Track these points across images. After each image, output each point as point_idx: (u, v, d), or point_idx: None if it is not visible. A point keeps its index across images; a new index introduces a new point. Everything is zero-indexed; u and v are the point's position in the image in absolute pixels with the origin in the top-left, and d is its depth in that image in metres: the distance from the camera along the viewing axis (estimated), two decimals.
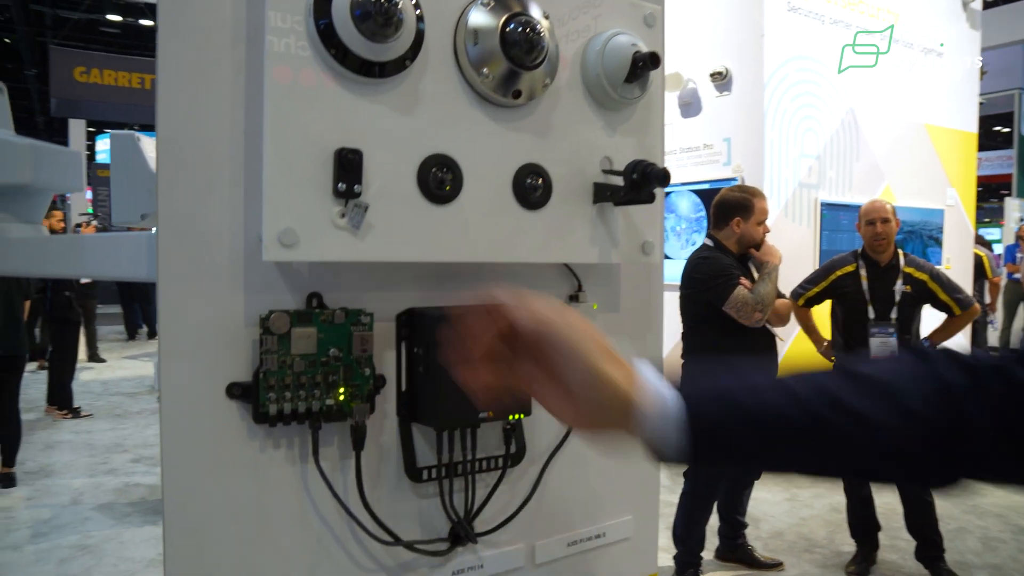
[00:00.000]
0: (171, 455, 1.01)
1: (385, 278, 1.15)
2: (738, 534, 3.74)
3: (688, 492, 3.43)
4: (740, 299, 3.14)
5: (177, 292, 1.01)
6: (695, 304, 3.32)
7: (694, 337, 3.39)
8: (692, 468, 3.39)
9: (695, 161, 6.85)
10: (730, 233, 3.34)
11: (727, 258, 3.29)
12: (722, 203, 3.39)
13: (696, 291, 3.28)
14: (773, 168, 6.25)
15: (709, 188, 6.77)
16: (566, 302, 1.33)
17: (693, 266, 3.32)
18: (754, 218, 3.32)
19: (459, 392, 1.15)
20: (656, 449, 0.69)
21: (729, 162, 6.48)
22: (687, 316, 3.42)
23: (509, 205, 1.14)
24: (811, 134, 6.43)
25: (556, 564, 1.34)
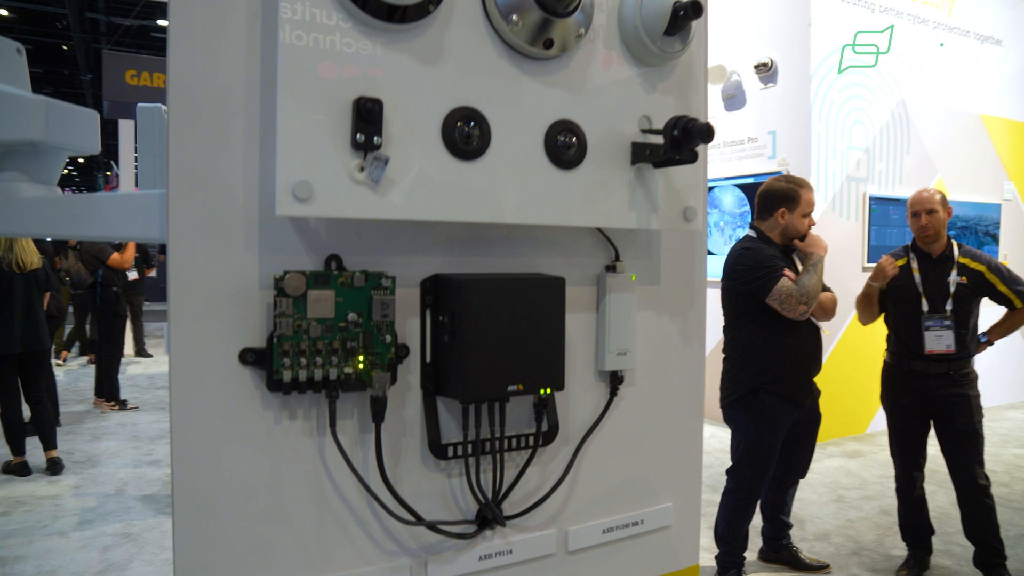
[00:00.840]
0: (180, 423, 0.95)
1: (409, 241, 1.09)
2: (782, 535, 3.61)
3: (731, 490, 3.31)
4: (784, 291, 3.02)
5: (188, 251, 0.95)
6: (737, 297, 3.21)
7: (735, 331, 3.28)
8: (735, 466, 3.28)
9: (739, 155, 6.70)
10: (774, 224, 3.22)
11: (771, 249, 3.17)
12: (767, 193, 3.27)
13: (738, 283, 3.16)
14: (820, 161, 6.07)
15: (753, 182, 6.62)
16: (602, 272, 1.25)
17: (735, 257, 3.21)
18: (799, 209, 3.19)
19: (486, 363, 1.09)
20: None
21: (774, 155, 6.32)
22: (728, 309, 3.31)
23: (540, 164, 1.07)
24: (859, 126, 6.24)
25: (590, 552, 1.26)
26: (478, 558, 1.15)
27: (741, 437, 3.28)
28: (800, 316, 3.07)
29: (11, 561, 3.80)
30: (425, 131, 0.98)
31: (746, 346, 3.23)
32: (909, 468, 3.49)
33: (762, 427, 3.20)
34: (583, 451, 1.23)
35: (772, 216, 3.23)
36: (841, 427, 6.19)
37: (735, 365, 3.28)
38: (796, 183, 3.28)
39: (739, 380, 3.24)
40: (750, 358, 3.22)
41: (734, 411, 3.28)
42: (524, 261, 1.17)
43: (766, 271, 3.07)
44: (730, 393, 3.28)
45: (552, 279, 1.12)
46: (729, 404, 3.29)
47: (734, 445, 3.36)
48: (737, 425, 3.30)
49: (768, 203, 3.26)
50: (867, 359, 6.21)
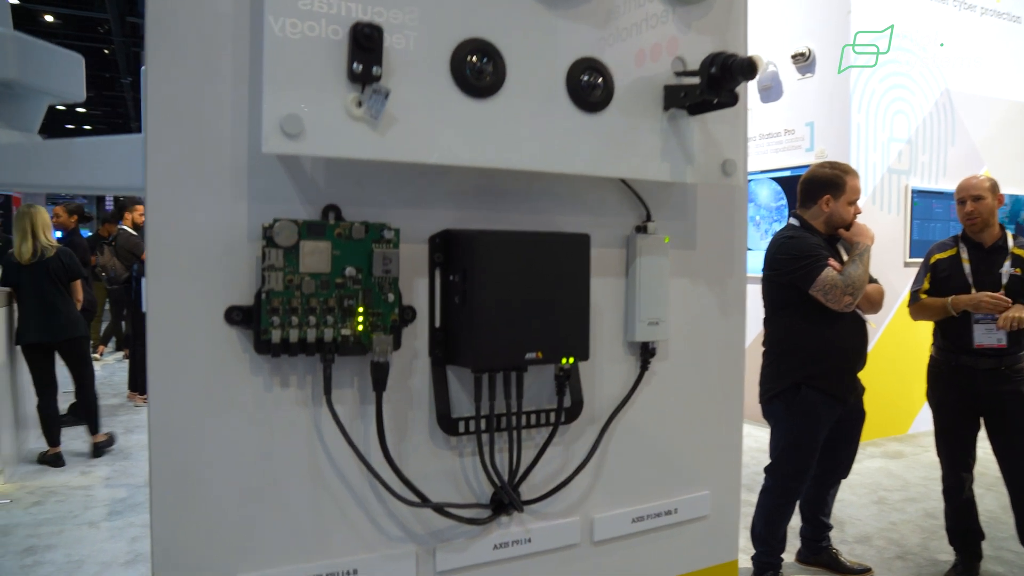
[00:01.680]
0: (159, 390, 0.86)
1: (416, 193, 0.98)
2: (822, 536, 3.45)
3: (769, 488, 3.16)
4: (829, 281, 2.87)
5: (168, 198, 0.85)
6: (778, 288, 3.07)
7: (776, 323, 3.14)
8: (774, 464, 3.13)
9: (775, 147, 6.52)
10: (818, 212, 3.07)
11: (814, 238, 3.02)
12: (811, 180, 3.13)
13: (780, 273, 3.02)
14: (860, 153, 5.87)
15: (790, 175, 6.44)
16: (632, 233, 1.13)
17: (777, 246, 3.07)
18: (845, 197, 3.04)
19: (501, 328, 0.97)
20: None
21: (812, 148, 6.13)
22: (769, 301, 3.17)
23: (562, 104, 0.95)
24: (901, 117, 6.02)
25: (618, 544, 1.14)
26: (492, 546, 1.04)
27: (781, 434, 3.14)
28: (845, 308, 2.93)
29: (42, 549, 3.84)
30: (431, 63, 0.87)
31: (787, 339, 3.09)
32: (957, 469, 3.31)
33: (803, 424, 3.06)
34: (611, 431, 1.12)
35: (816, 204, 3.09)
36: (882, 427, 5.97)
37: (775, 359, 3.14)
38: (841, 169, 3.14)
39: (779, 374, 3.10)
40: (791, 351, 3.07)
41: (774, 407, 3.14)
42: (545, 218, 1.06)
43: (810, 260, 2.93)
44: (770, 388, 3.13)
45: (576, 236, 1.01)
46: (769, 399, 3.15)
47: (773, 442, 3.21)
48: (777, 421, 3.16)
49: (812, 190, 3.12)
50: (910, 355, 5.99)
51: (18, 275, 4.97)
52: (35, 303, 5.00)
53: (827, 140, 6.02)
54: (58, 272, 5.06)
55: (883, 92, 5.92)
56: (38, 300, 4.99)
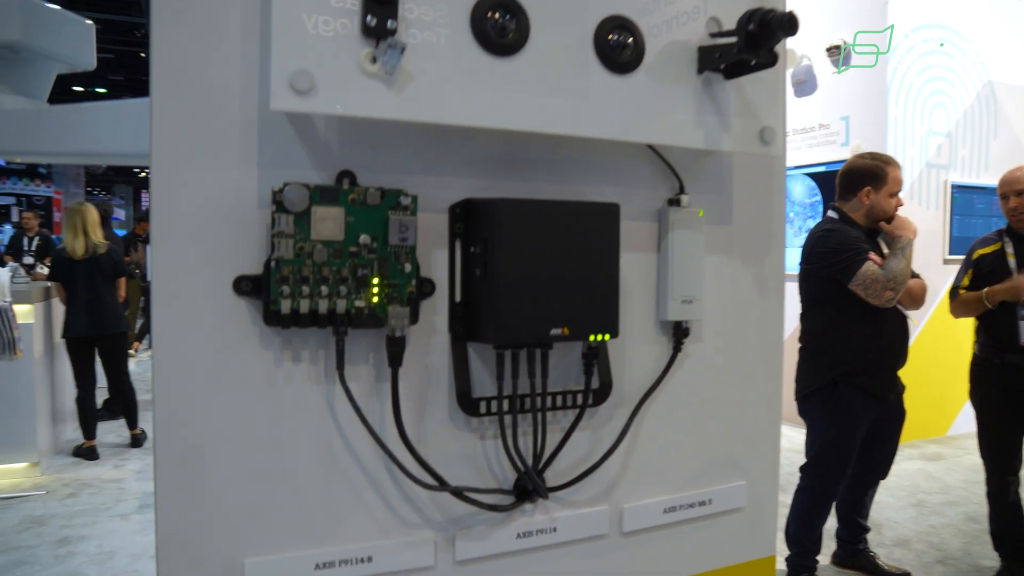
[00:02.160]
0: (164, 364, 0.81)
1: (436, 159, 0.93)
2: (859, 538, 3.34)
3: (805, 488, 3.07)
4: (869, 275, 2.78)
5: (174, 163, 0.81)
6: (816, 282, 2.98)
7: (814, 319, 3.04)
8: (810, 463, 3.04)
9: (810, 142, 6.38)
10: (858, 204, 2.97)
11: (854, 231, 2.92)
12: (851, 171, 3.02)
13: (818, 266, 2.93)
14: (897, 147, 5.72)
15: (825, 170, 6.30)
16: (664, 206, 1.06)
17: (816, 239, 2.97)
18: (886, 188, 2.94)
19: (525, 301, 0.92)
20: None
21: (847, 142, 5.99)
22: (806, 296, 3.07)
23: (589, 64, 0.89)
24: (941, 110, 5.86)
25: (649, 535, 1.08)
26: (515, 535, 0.98)
27: (817, 432, 3.04)
28: (886, 303, 2.83)
29: (76, 540, 3.91)
30: (450, 17, 0.82)
31: (825, 335, 2.99)
32: (1002, 471, 3.18)
33: (840, 422, 2.96)
34: (641, 415, 1.05)
35: (856, 196, 2.99)
36: (920, 428, 5.80)
37: (812, 355, 3.04)
38: (882, 160, 3.04)
39: (816, 371, 3.00)
40: (829, 347, 2.97)
41: (810, 404, 3.04)
42: (572, 189, 1.00)
43: (850, 254, 2.83)
44: (806, 385, 3.04)
45: (604, 205, 0.95)
46: (805, 397, 3.05)
47: (809, 441, 3.11)
48: (813, 419, 3.06)
49: (851, 182, 3.02)
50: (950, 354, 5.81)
51: (70, 270, 5.16)
52: (85, 298, 5.18)
53: (863, 134, 5.88)
54: (107, 268, 5.22)
55: (922, 84, 5.77)
56: (89, 295, 5.17)
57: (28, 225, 9.94)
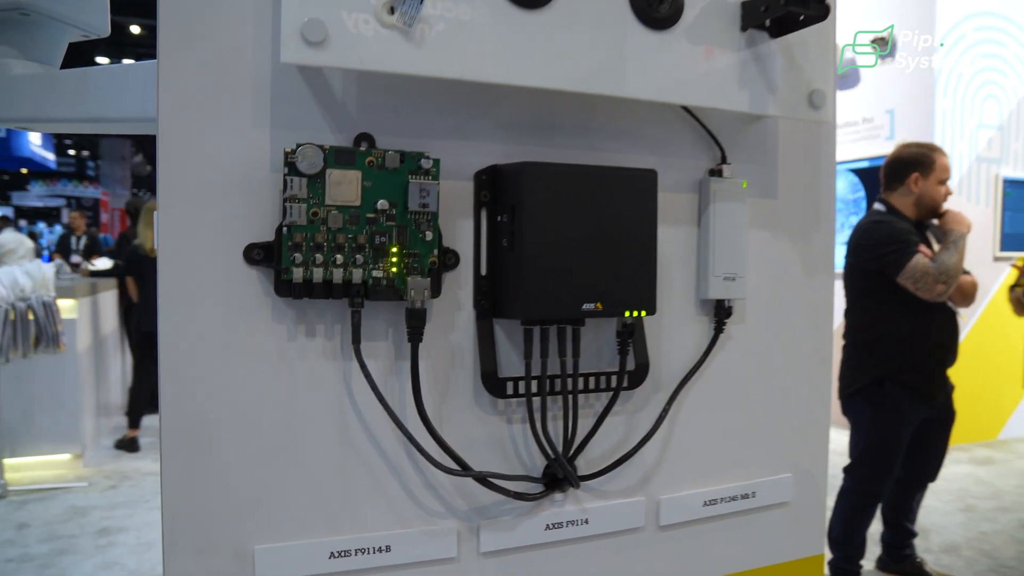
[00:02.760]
0: (170, 336, 0.77)
1: (461, 124, 0.87)
2: (905, 543, 3.21)
3: (849, 490, 2.96)
4: (919, 269, 2.67)
5: (182, 125, 0.77)
6: (862, 275, 2.88)
7: (859, 314, 2.94)
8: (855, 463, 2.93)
9: (852, 137, 6.23)
10: (906, 193, 2.87)
11: (903, 223, 2.82)
12: (896, 160, 2.93)
13: (865, 259, 2.83)
14: (945, 141, 5.55)
15: (868, 166, 6.14)
16: (705, 177, 0.99)
17: (862, 232, 2.88)
18: (934, 176, 2.84)
19: (554, 274, 0.85)
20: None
21: (892, 136, 5.83)
22: (852, 290, 2.98)
23: (624, 19, 0.83)
24: (992, 101, 5.67)
25: (687, 529, 1.01)
26: (544, 527, 0.92)
27: (862, 432, 2.93)
28: (937, 297, 2.72)
29: (115, 531, 4.03)
30: None
31: (871, 330, 2.89)
32: None
33: (886, 421, 2.85)
34: (680, 400, 0.98)
35: (903, 184, 2.89)
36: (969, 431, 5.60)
37: (857, 351, 2.94)
38: (928, 147, 2.94)
39: (862, 368, 2.89)
40: (875, 343, 2.87)
41: (855, 403, 2.93)
42: (606, 157, 0.94)
43: (899, 246, 2.74)
44: (851, 383, 2.93)
45: (641, 171, 0.88)
46: (850, 395, 2.94)
47: (853, 441, 3.00)
48: (858, 418, 2.95)
49: (897, 170, 2.92)
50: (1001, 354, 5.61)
51: (144, 266, 5.35)
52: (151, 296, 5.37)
53: (909, 128, 5.71)
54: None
55: (972, 75, 5.58)
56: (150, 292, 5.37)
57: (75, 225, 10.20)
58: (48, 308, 4.91)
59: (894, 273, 2.71)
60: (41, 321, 4.82)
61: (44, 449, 5.22)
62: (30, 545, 3.92)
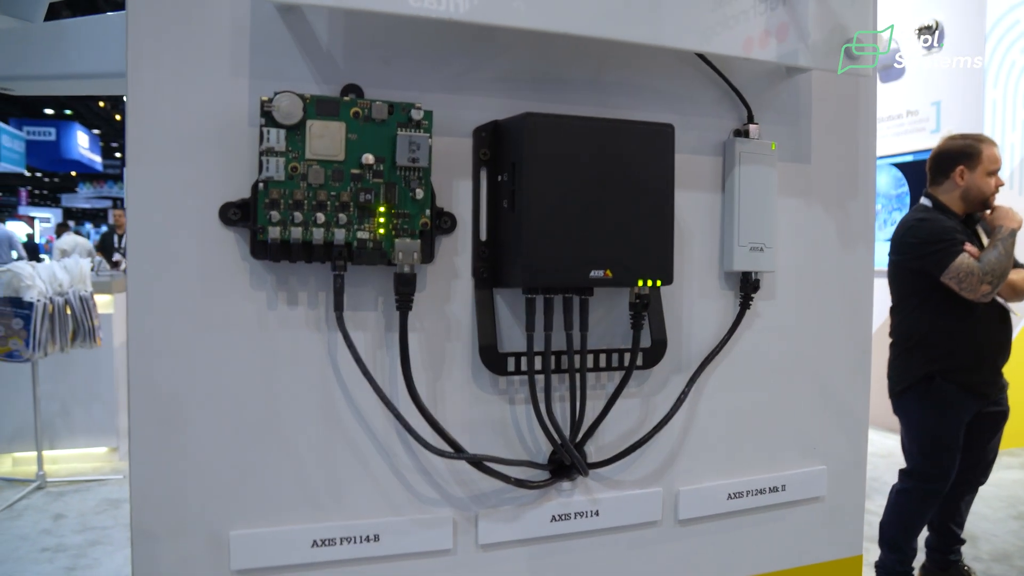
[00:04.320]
0: (139, 303, 0.71)
1: (458, 75, 0.80)
2: (952, 549, 3.07)
3: (906, 491, 2.83)
4: (964, 268, 2.56)
5: (152, 74, 0.71)
6: (907, 274, 2.77)
7: (905, 314, 2.83)
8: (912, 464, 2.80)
9: (896, 131, 6.03)
10: (952, 187, 2.75)
11: (949, 220, 2.70)
12: (941, 153, 2.81)
13: (909, 258, 2.73)
14: (995, 134, 5.32)
15: (913, 160, 5.95)
16: (730, 138, 0.91)
17: (906, 229, 2.78)
18: (982, 167, 2.71)
19: (558, 238, 0.78)
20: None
21: (938, 129, 5.63)
22: (897, 289, 2.87)
23: None
24: None
25: (709, 524, 0.92)
26: (550, 518, 0.84)
27: (915, 429, 2.82)
28: (983, 297, 2.61)
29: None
30: None
31: (917, 330, 2.78)
32: None
33: (939, 415, 2.74)
34: (702, 381, 0.90)
35: (949, 178, 2.77)
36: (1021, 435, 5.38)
37: (904, 351, 2.83)
38: (974, 138, 2.82)
39: (910, 367, 2.79)
40: (923, 343, 2.76)
41: (906, 400, 2.82)
42: (618, 114, 0.85)
43: (943, 245, 2.63)
44: (900, 380, 2.83)
45: (656, 125, 0.80)
46: (900, 392, 2.84)
47: (907, 440, 2.89)
48: (910, 416, 2.85)
49: (943, 163, 2.80)
50: None
51: None
52: None
53: (956, 120, 5.51)
54: None
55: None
56: None
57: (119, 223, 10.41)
58: (85, 303, 4.97)
59: (938, 273, 2.61)
60: (78, 316, 4.88)
61: (81, 442, 5.29)
62: (65, 535, 3.97)
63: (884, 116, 6.16)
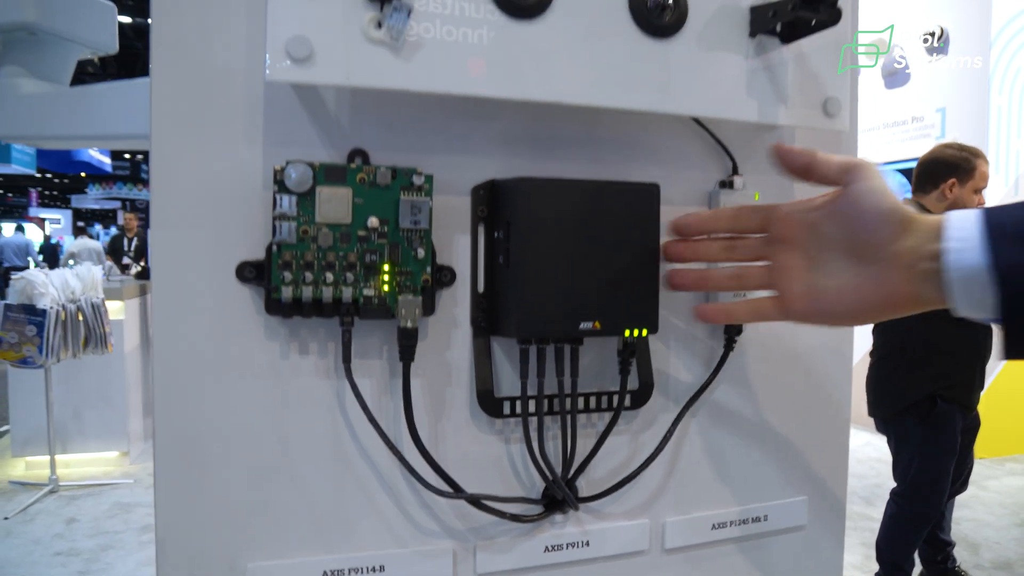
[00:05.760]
0: (164, 352, 0.77)
1: (458, 138, 0.86)
2: (943, 555, 3.10)
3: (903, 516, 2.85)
4: None
5: (174, 142, 0.77)
6: None
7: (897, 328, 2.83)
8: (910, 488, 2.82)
9: (901, 137, 6.06)
10: (940, 198, 2.77)
11: None
12: (934, 161, 2.81)
13: None
14: (1000, 140, 5.35)
15: None
16: (715, 189, 0.96)
17: None
18: (972, 184, 2.73)
19: (550, 291, 0.83)
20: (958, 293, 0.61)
21: (943, 135, 5.65)
22: None
23: (624, 28, 0.80)
24: None
25: (695, 553, 0.98)
26: (543, 548, 0.90)
27: (913, 453, 2.80)
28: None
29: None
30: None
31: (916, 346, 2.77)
32: None
33: (942, 441, 2.73)
34: (687, 419, 0.95)
35: (938, 189, 2.79)
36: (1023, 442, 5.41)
37: (900, 368, 2.81)
38: (970, 152, 2.83)
39: (912, 384, 2.77)
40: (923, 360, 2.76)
41: (903, 422, 2.79)
42: (612, 169, 0.91)
43: None
44: (898, 399, 2.80)
45: (642, 185, 0.85)
46: (896, 413, 2.81)
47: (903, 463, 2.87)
48: (907, 439, 2.82)
49: (934, 173, 2.81)
50: None
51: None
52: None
53: (961, 127, 5.53)
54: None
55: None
56: None
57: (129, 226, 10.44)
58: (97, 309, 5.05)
59: None
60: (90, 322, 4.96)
61: (92, 446, 5.39)
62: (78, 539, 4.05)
63: (889, 122, 6.19)
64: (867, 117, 6.18)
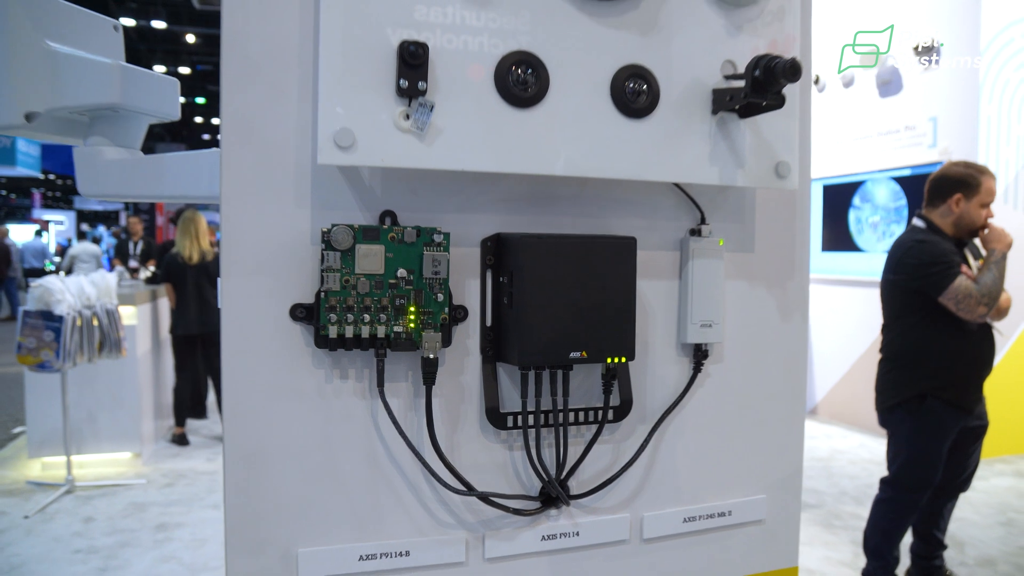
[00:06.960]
0: (232, 377, 0.95)
1: (469, 199, 1.04)
2: (935, 554, 3.26)
3: (888, 500, 3.02)
4: (962, 290, 2.72)
5: (239, 206, 0.95)
6: (903, 293, 2.93)
7: (898, 331, 2.99)
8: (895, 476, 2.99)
9: (895, 145, 6.21)
10: (947, 212, 2.91)
11: (946, 243, 2.86)
12: (942, 178, 2.96)
13: (907, 278, 2.88)
14: (990, 148, 5.52)
15: (911, 174, 6.12)
16: (685, 236, 1.14)
17: (905, 250, 2.92)
18: (978, 198, 2.87)
19: (546, 327, 1.02)
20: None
21: (935, 144, 5.81)
22: (891, 307, 3.02)
23: (606, 112, 0.98)
24: None
25: (669, 542, 1.16)
26: (540, 537, 1.08)
27: (902, 445, 2.99)
28: (979, 318, 2.78)
29: (172, 527, 4.36)
30: (476, 76, 0.93)
31: (912, 347, 2.94)
32: None
33: (929, 435, 2.90)
34: (661, 430, 1.13)
35: (945, 203, 2.93)
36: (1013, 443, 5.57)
37: (897, 367, 2.99)
38: (976, 169, 2.97)
39: (903, 383, 2.95)
40: (917, 361, 2.92)
41: (895, 416, 2.98)
42: (597, 222, 1.09)
43: (942, 267, 2.78)
44: (891, 396, 2.98)
45: (621, 239, 1.04)
46: (890, 408, 3.00)
47: (892, 452, 3.06)
48: (898, 431, 3.01)
49: (942, 188, 2.95)
50: None
51: (183, 273, 5.73)
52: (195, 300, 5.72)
53: (952, 135, 5.69)
54: (214, 273, 5.74)
55: (1020, 81, 5.53)
56: (197, 297, 5.72)
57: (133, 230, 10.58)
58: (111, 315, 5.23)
59: (936, 293, 2.76)
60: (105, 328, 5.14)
61: (107, 447, 5.55)
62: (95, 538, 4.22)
63: (883, 131, 6.35)
64: (861, 126, 6.35)
